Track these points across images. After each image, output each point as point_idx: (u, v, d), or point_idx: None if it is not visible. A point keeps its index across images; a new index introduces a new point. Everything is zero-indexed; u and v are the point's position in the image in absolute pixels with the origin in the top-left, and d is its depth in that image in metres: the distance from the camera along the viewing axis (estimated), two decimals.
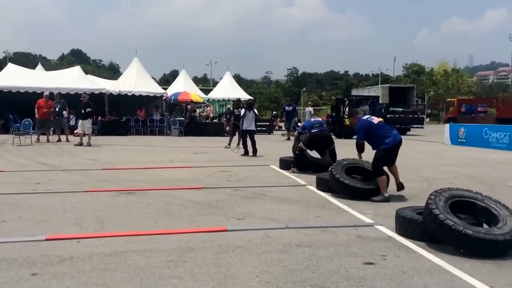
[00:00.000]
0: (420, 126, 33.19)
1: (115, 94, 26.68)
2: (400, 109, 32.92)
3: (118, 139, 22.27)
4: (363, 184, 7.90)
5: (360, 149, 8.39)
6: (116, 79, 33.25)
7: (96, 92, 25.23)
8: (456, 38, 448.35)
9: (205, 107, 33.18)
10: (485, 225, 5.20)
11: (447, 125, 23.63)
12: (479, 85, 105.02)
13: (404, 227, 5.51)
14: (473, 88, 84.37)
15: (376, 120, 8.27)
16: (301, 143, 11.18)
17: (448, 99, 53.00)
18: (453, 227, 4.74)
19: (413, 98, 37.42)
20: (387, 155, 7.93)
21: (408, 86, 43.69)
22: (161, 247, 5.03)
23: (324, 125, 11.48)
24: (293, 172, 11.02)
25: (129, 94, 26.85)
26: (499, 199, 5.66)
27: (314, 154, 11.59)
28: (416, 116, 33.56)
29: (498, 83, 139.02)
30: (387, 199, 7.61)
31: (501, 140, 18.70)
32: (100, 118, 25.56)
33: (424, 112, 43.70)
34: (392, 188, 8.12)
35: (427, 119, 59.03)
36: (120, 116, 27.28)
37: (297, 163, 11.18)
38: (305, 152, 11.17)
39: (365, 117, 8.45)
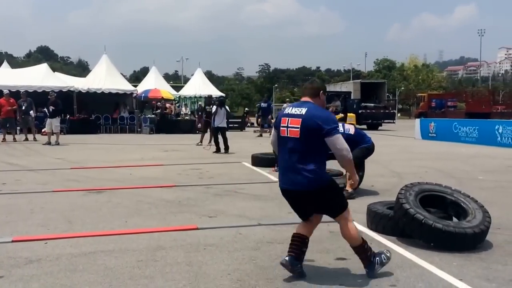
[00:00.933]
0: (392, 121, 33.63)
1: (84, 91, 26.25)
2: (372, 105, 33.33)
3: (87, 137, 21.92)
4: (336, 180, 7.87)
5: None
6: (85, 76, 32.73)
7: (64, 90, 24.84)
8: (426, 33, 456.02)
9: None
10: (454, 219, 5.25)
11: (417, 120, 23.95)
12: (449, 80, 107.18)
13: (375, 221, 5.55)
14: (443, 83, 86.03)
15: (352, 130, 8.20)
16: None
17: (419, 94, 53.72)
18: (423, 221, 4.78)
19: (385, 94, 37.97)
20: (367, 153, 7.93)
21: (379, 81, 44.33)
22: (131, 246, 4.95)
23: None
24: (277, 171, 10.58)
25: (98, 91, 26.39)
26: (468, 192, 5.74)
27: None
28: (387, 111, 34.04)
29: (467, 77, 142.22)
30: (351, 195, 7.35)
31: (470, 134, 19.02)
32: (68, 116, 25.15)
33: (395, 107, 44.37)
34: (364, 184, 8.17)
35: (398, 114, 59.74)
36: (89, 114, 26.87)
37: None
38: None
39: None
